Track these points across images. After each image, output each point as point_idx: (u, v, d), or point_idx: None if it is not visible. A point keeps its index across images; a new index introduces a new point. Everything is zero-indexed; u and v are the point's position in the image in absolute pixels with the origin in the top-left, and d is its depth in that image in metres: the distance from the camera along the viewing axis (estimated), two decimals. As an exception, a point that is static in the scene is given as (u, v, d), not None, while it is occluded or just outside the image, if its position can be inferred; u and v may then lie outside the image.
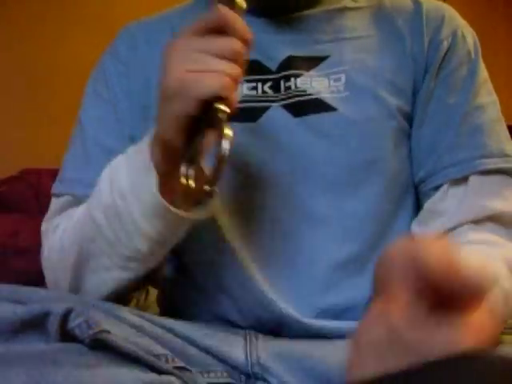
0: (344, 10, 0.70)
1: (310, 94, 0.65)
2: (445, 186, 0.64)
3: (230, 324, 0.63)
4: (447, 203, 0.64)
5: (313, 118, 0.64)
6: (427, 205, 0.66)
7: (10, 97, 2.04)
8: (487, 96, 0.67)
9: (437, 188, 0.65)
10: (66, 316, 0.45)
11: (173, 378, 0.49)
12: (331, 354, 0.56)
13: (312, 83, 0.66)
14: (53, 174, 0.72)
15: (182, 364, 0.52)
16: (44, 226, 0.70)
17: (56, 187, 0.70)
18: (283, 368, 0.57)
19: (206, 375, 0.55)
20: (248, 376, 0.57)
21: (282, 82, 0.66)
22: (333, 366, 0.55)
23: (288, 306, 0.61)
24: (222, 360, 0.57)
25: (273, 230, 0.64)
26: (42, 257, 0.68)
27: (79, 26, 2.06)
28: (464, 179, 0.64)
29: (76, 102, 0.74)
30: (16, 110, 2.04)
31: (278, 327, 0.62)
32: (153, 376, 0.47)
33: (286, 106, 0.65)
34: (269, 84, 0.66)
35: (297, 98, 0.65)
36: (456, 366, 0.49)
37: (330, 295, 0.62)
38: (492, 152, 0.64)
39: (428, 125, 0.66)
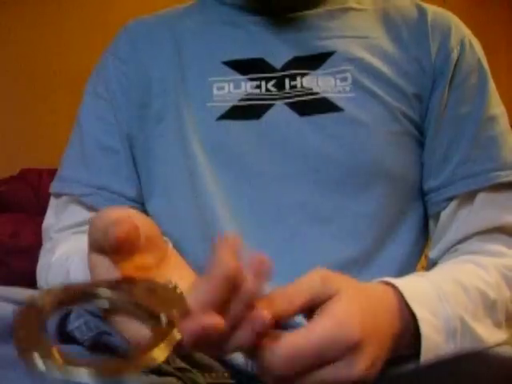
0: (348, 10, 0.70)
1: (316, 93, 0.65)
2: (458, 199, 0.65)
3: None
4: (459, 215, 0.64)
5: (319, 118, 0.64)
6: (441, 219, 0.66)
7: (10, 97, 2.04)
8: (498, 106, 0.67)
9: (449, 199, 0.65)
10: (65, 318, 0.45)
11: (174, 379, 0.49)
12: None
13: (318, 82, 0.65)
14: (53, 174, 0.72)
15: (182, 365, 0.52)
16: (45, 226, 0.70)
17: (54, 186, 0.70)
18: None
19: (206, 376, 0.55)
20: (249, 376, 0.57)
21: (286, 81, 0.66)
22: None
23: None
24: (223, 360, 0.56)
25: (275, 229, 0.63)
26: (38, 266, 0.68)
27: (79, 27, 2.06)
28: (476, 191, 0.64)
29: (76, 102, 0.74)
30: (16, 110, 2.04)
31: (278, 328, 0.61)
32: (153, 377, 0.47)
33: (290, 105, 0.65)
34: (273, 82, 0.66)
35: (302, 97, 0.65)
36: (456, 366, 0.49)
37: None
38: (505, 164, 0.64)
39: (442, 134, 0.66)
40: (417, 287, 0.51)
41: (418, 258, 0.69)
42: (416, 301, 0.48)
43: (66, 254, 0.61)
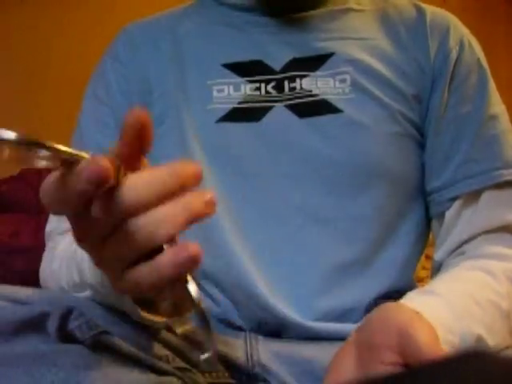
0: (348, 11, 0.70)
1: (315, 95, 0.65)
2: (461, 198, 0.65)
3: (230, 326, 0.63)
4: (463, 215, 0.64)
5: (318, 120, 0.64)
6: (446, 219, 0.66)
7: (10, 97, 2.04)
8: (498, 105, 0.67)
9: (452, 199, 0.65)
10: (65, 317, 0.45)
11: (174, 379, 0.49)
12: (331, 357, 0.55)
13: (317, 83, 0.65)
14: (53, 173, 0.71)
15: (182, 364, 0.52)
16: (48, 230, 0.70)
17: None
18: (284, 369, 0.56)
19: (207, 375, 0.55)
20: (249, 377, 0.57)
21: (286, 83, 0.66)
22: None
23: (289, 309, 0.60)
24: (223, 360, 0.57)
25: (275, 231, 0.63)
26: (41, 266, 0.68)
27: (80, 28, 2.06)
28: (480, 191, 0.64)
29: (77, 103, 0.74)
30: (16, 110, 2.04)
31: (278, 329, 0.61)
32: (154, 377, 0.47)
33: (290, 107, 0.65)
34: (272, 84, 0.66)
35: (302, 99, 0.65)
36: (456, 366, 0.49)
37: (331, 297, 0.62)
38: (508, 163, 0.64)
39: (443, 134, 0.66)
40: (431, 307, 0.50)
41: (417, 259, 0.69)
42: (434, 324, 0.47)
43: (71, 245, 0.60)
